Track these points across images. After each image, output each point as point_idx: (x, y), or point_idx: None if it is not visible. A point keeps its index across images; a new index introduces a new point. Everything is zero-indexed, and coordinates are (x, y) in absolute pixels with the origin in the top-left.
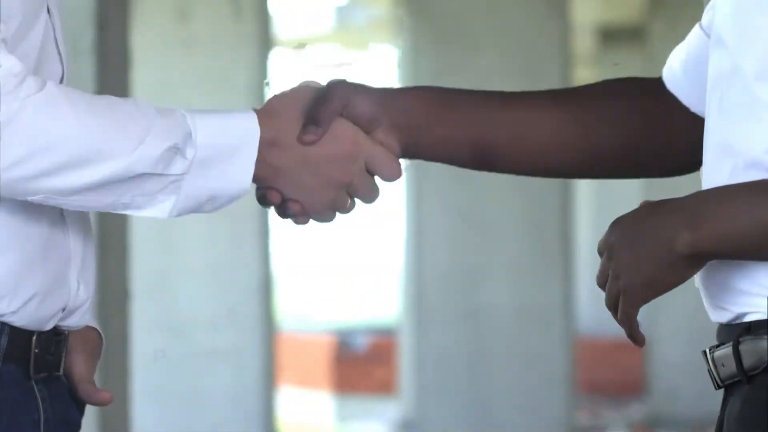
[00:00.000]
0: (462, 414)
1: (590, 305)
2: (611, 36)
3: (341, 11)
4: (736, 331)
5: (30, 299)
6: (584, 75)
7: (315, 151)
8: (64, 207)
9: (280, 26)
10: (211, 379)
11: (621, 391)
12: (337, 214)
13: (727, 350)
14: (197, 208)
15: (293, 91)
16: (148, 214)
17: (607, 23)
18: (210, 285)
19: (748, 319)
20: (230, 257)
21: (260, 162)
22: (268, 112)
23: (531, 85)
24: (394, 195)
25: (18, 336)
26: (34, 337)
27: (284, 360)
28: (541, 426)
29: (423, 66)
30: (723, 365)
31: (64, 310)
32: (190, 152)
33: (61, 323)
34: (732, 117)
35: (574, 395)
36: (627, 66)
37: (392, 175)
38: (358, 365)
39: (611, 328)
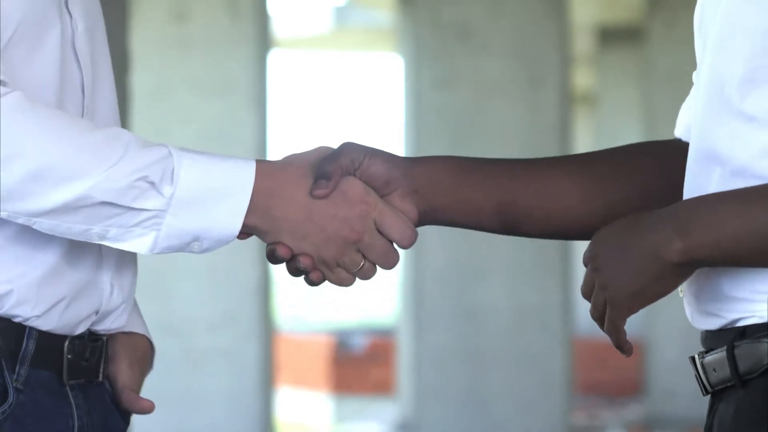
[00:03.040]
0: (459, 415)
1: (588, 306)
2: (610, 36)
3: (339, 12)
4: (729, 337)
5: (56, 303)
6: (583, 75)
7: (321, 206)
8: (36, 228)
9: (278, 26)
10: (210, 380)
11: (618, 391)
12: (356, 279)
13: (719, 355)
14: (182, 248)
15: (308, 150)
16: (127, 247)
17: (606, 24)
18: (209, 286)
19: (742, 324)
20: (229, 258)
21: (261, 212)
22: (274, 164)
23: (531, 86)
24: None
25: (48, 341)
26: (67, 342)
27: (282, 361)
28: (538, 426)
29: (424, 70)
30: (714, 370)
31: (97, 313)
32: (167, 189)
33: (95, 327)
34: (717, 125)
35: (571, 396)
36: (626, 66)
37: (404, 239)
38: (356, 366)
39: None
